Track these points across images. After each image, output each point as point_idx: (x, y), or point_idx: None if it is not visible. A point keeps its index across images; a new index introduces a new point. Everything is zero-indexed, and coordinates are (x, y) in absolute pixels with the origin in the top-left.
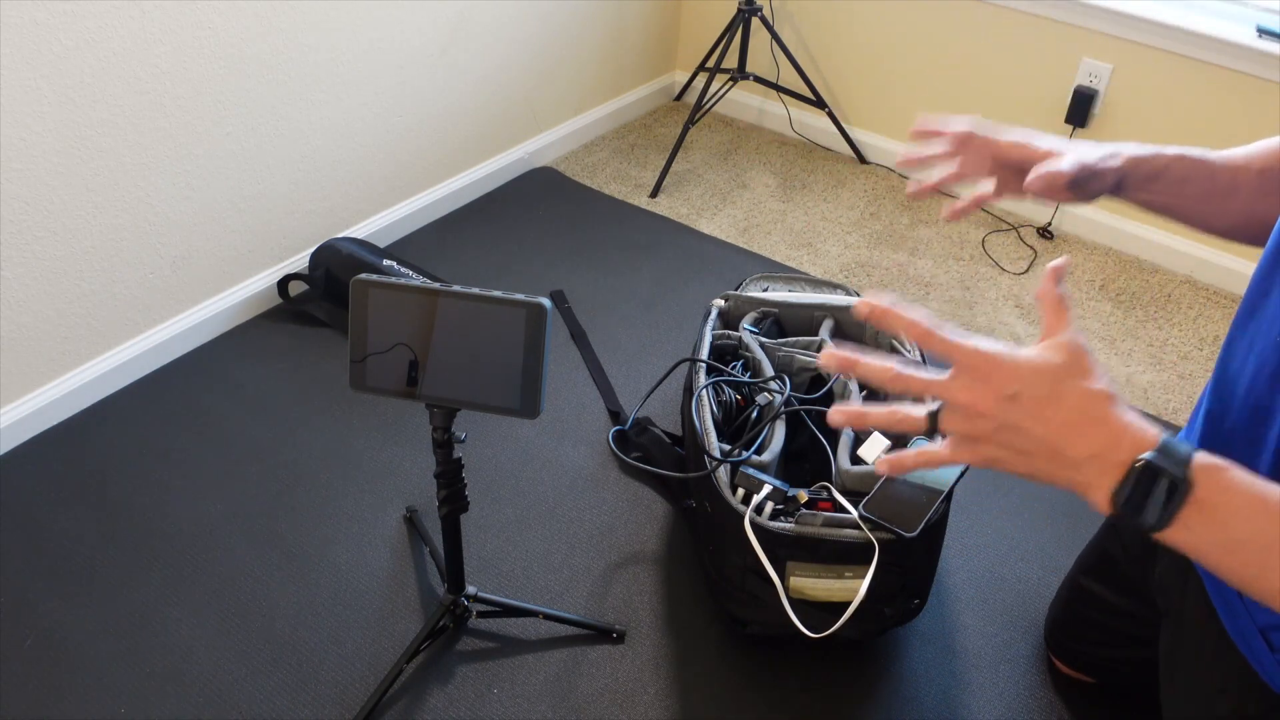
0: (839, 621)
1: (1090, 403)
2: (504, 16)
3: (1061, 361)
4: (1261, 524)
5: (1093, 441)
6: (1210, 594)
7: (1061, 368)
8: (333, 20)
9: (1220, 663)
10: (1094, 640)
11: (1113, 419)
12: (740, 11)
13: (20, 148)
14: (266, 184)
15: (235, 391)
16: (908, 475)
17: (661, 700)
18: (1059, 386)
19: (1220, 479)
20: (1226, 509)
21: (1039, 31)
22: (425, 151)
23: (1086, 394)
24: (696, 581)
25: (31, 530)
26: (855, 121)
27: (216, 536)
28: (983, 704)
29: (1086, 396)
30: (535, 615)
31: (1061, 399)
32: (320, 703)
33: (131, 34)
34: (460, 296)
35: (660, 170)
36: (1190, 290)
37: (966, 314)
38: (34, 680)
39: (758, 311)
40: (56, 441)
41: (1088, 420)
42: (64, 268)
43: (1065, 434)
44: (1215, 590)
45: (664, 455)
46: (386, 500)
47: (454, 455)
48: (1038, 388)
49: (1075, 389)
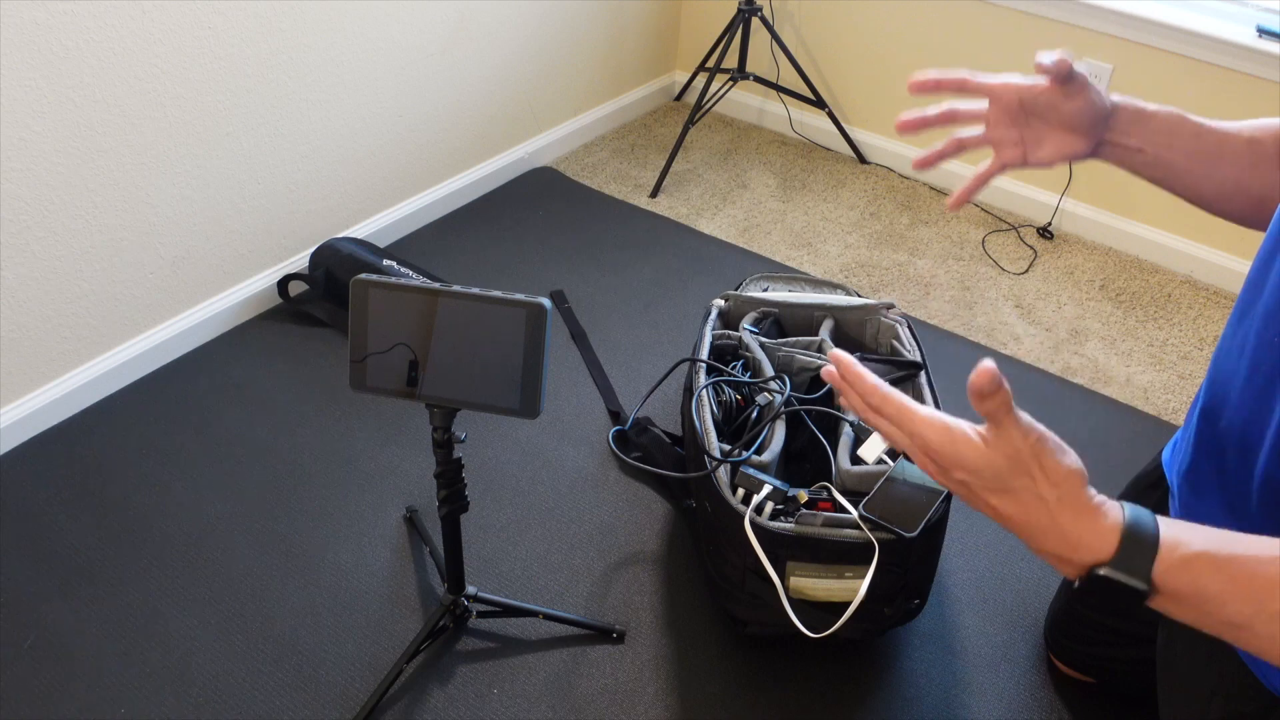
0: (839, 621)
1: (1040, 509)
2: (504, 16)
3: (1005, 464)
4: (1238, 606)
5: (1049, 542)
6: None
7: (1005, 470)
8: (333, 20)
9: (1214, 664)
10: (1094, 640)
11: (1067, 526)
12: (740, 11)
13: (20, 148)
14: (266, 184)
15: (235, 391)
16: (907, 475)
17: (661, 700)
18: (1008, 483)
19: (1188, 574)
20: (1197, 598)
21: (1039, 31)
22: (425, 151)
23: (1036, 498)
24: (696, 581)
25: (31, 530)
26: (855, 121)
27: (216, 536)
28: (983, 704)
29: (1036, 501)
30: (535, 615)
31: (1013, 495)
32: (320, 703)
33: (131, 34)
34: (460, 296)
35: (660, 170)
36: (1190, 290)
37: (966, 314)
38: (34, 680)
39: (758, 311)
40: (56, 441)
41: (1041, 524)
42: (64, 268)
43: (1021, 526)
44: None
45: (664, 455)
46: (386, 500)
47: (454, 455)
48: (987, 481)
49: (1025, 489)
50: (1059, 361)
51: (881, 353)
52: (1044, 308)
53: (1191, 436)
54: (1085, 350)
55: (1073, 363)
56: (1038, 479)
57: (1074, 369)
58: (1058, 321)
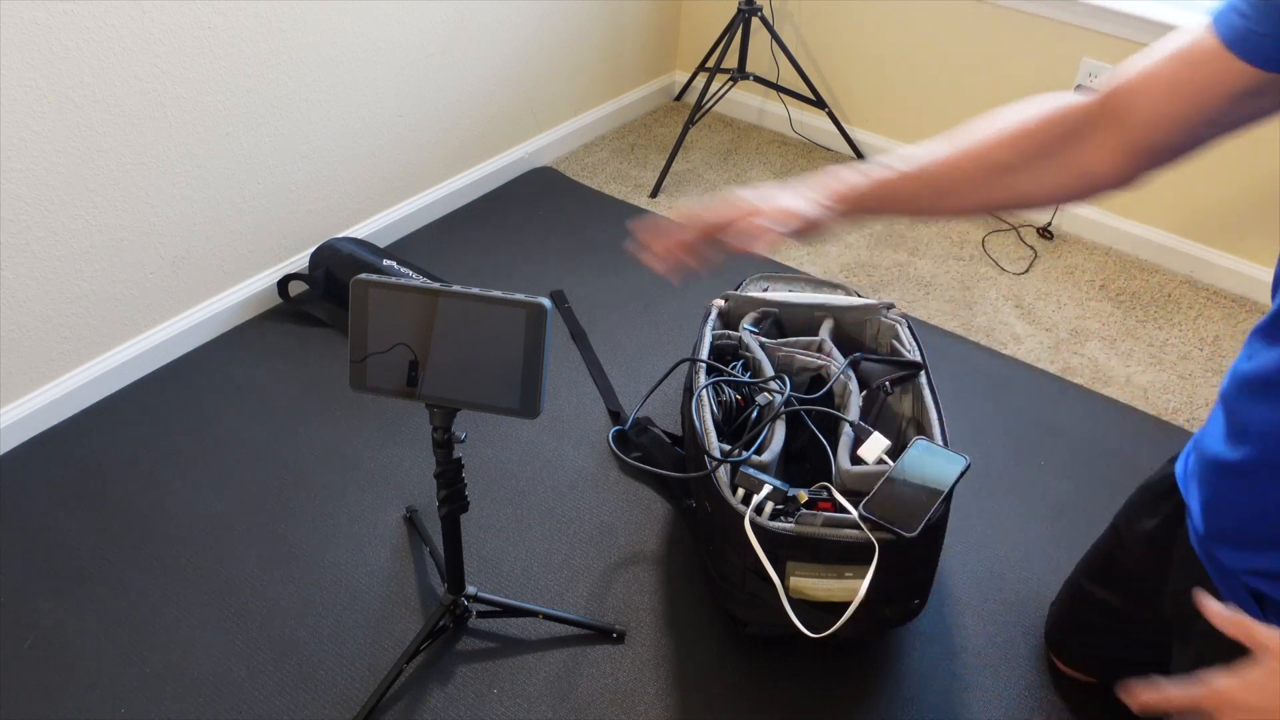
0: (839, 621)
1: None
2: (504, 16)
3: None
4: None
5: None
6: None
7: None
8: (333, 20)
9: None
10: (1096, 642)
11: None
12: (740, 11)
13: (20, 148)
14: (266, 184)
15: (235, 391)
16: (908, 475)
17: (661, 700)
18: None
19: None
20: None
21: (1039, 31)
22: (425, 151)
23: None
24: (696, 581)
25: (31, 530)
26: (855, 121)
27: (216, 536)
28: (983, 704)
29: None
30: (535, 615)
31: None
32: (320, 703)
33: (131, 34)
34: (460, 296)
35: (660, 170)
36: (1190, 290)
37: (966, 314)
38: (34, 680)
39: (758, 311)
40: (56, 441)
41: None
42: (64, 268)
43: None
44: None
45: (664, 455)
46: (386, 500)
47: (454, 455)
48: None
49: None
50: (1059, 361)
51: (881, 353)
52: (1044, 308)
53: (1228, 493)
54: (1085, 350)
55: (1073, 363)
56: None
57: (1074, 369)
58: (1058, 321)
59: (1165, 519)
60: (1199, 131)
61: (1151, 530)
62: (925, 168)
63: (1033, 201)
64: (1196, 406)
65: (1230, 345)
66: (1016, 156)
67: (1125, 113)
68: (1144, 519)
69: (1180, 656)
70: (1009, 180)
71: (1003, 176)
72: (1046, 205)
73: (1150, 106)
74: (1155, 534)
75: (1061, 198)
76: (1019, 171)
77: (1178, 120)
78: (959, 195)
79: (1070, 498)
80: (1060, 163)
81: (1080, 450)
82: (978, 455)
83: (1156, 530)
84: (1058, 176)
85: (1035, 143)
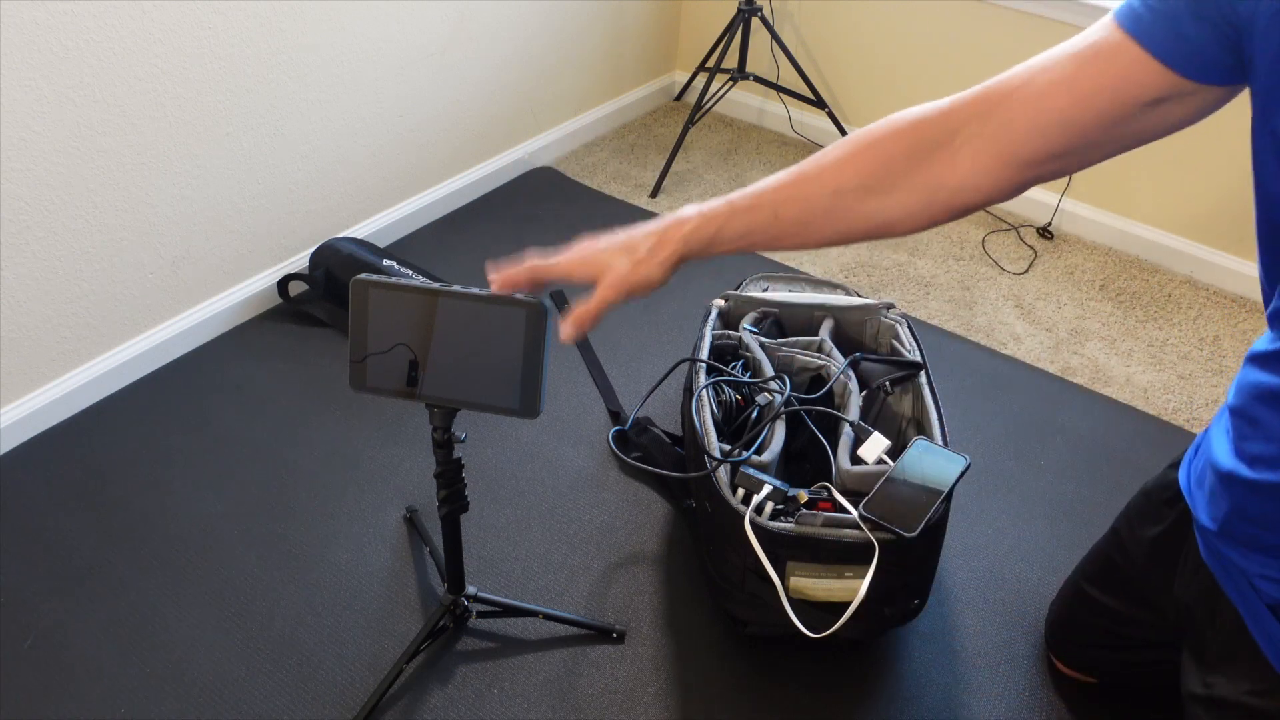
0: (839, 621)
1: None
2: (504, 16)
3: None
4: None
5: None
6: (1251, 630)
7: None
8: (333, 20)
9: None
10: (1096, 643)
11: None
12: (740, 11)
13: (20, 148)
14: (266, 184)
15: (235, 391)
16: (908, 475)
17: (661, 700)
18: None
19: None
20: None
21: (1039, 31)
22: (425, 151)
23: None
24: (696, 581)
25: (31, 530)
26: (855, 121)
27: (216, 536)
28: (983, 704)
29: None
30: (535, 615)
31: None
32: (320, 703)
33: (131, 34)
34: (460, 296)
35: (660, 170)
36: (1190, 290)
37: (966, 314)
38: (34, 680)
39: (758, 311)
40: (56, 441)
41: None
42: (64, 268)
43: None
44: (1254, 623)
45: (664, 455)
46: (386, 500)
47: (454, 455)
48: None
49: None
50: (1059, 361)
51: (881, 353)
52: (1044, 308)
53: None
54: (1085, 350)
55: (1073, 363)
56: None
57: (1074, 369)
58: (1058, 321)
59: (1170, 526)
60: (1095, 141)
61: (1155, 537)
62: (765, 197)
63: (896, 226)
64: (1196, 406)
65: (1230, 345)
66: (866, 177)
67: (1004, 117)
68: (1147, 525)
69: (1191, 663)
70: (859, 205)
71: (854, 202)
72: (912, 229)
73: (1038, 110)
74: (1159, 541)
75: (926, 218)
76: (872, 194)
77: (1071, 126)
78: (811, 226)
79: (1070, 498)
80: (915, 181)
81: (1080, 450)
82: (978, 455)
83: (1160, 537)
84: (911, 196)
85: (883, 159)
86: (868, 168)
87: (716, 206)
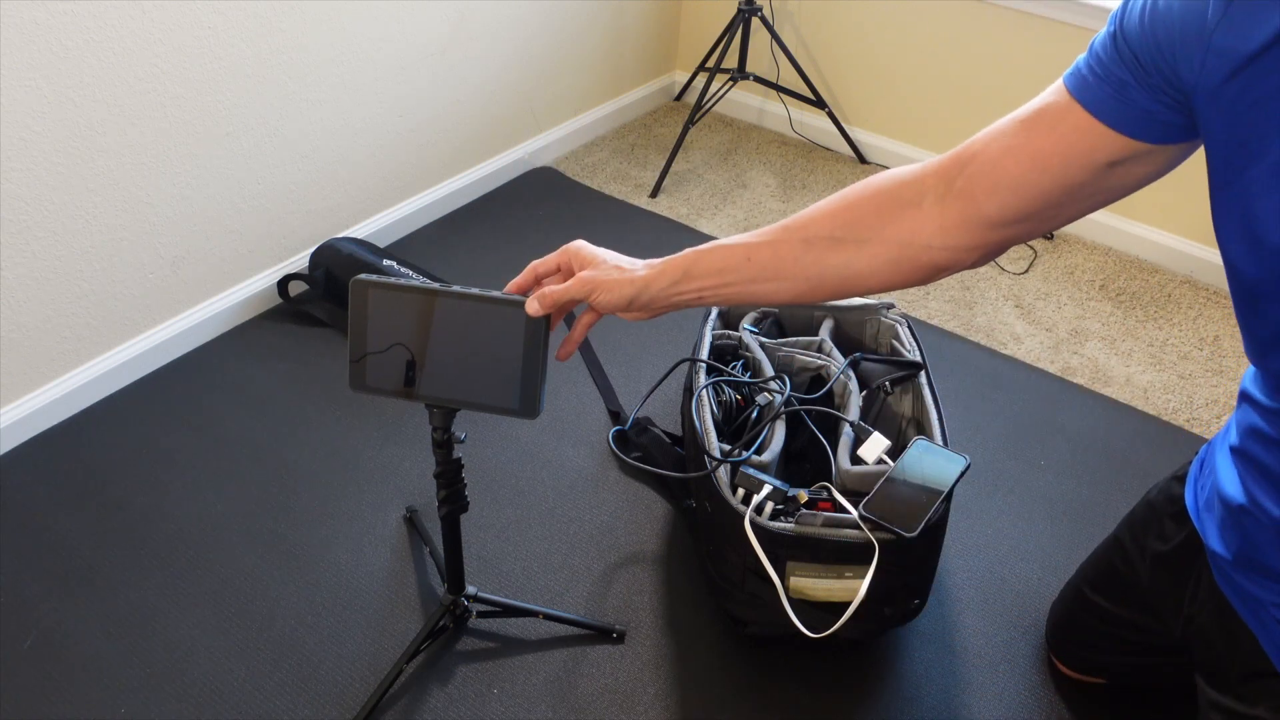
0: (839, 621)
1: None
2: (504, 16)
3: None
4: None
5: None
6: (1272, 658)
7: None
8: (333, 20)
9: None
10: (1097, 647)
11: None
12: (740, 11)
13: (20, 148)
14: (266, 184)
15: (235, 391)
16: (908, 475)
17: (661, 700)
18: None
19: None
20: None
21: (1039, 31)
22: (425, 151)
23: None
24: (696, 581)
25: (31, 530)
26: (855, 121)
27: (216, 536)
28: (983, 704)
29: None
30: (535, 615)
31: None
32: (320, 703)
33: (131, 34)
34: (460, 296)
35: (660, 170)
36: (1190, 290)
37: (966, 314)
38: (34, 680)
39: (758, 311)
40: (56, 441)
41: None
42: (64, 268)
43: None
44: (1274, 651)
45: (664, 455)
46: (386, 500)
47: (454, 455)
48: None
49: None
50: (1059, 361)
51: (881, 353)
52: (1044, 308)
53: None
54: (1085, 350)
55: (1073, 363)
56: None
57: (1074, 369)
58: (1058, 321)
59: (1178, 547)
60: (1058, 202)
61: (1163, 554)
62: (739, 242)
63: (867, 279)
64: (1196, 406)
65: (1230, 345)
66: (836, 228)
67: (966, 182)
68: (1152, 539)
69: (1204, 679)
70: (829, 255)
71: (823, 252)
72: (885, 284)
73: (996, 174)
74: (1167, 559)
75: (898, 275)
76: (842, 245)
77: (1030, 190)
78: (783, 272)
79: (1070, 498)
80: (885, 234)
81: (1080, 450)
82: (978, 455)
83: (1169, 556)
84: (882, 249)
85: (855, 213)
86: (839, 219)
87: (691, 249)
